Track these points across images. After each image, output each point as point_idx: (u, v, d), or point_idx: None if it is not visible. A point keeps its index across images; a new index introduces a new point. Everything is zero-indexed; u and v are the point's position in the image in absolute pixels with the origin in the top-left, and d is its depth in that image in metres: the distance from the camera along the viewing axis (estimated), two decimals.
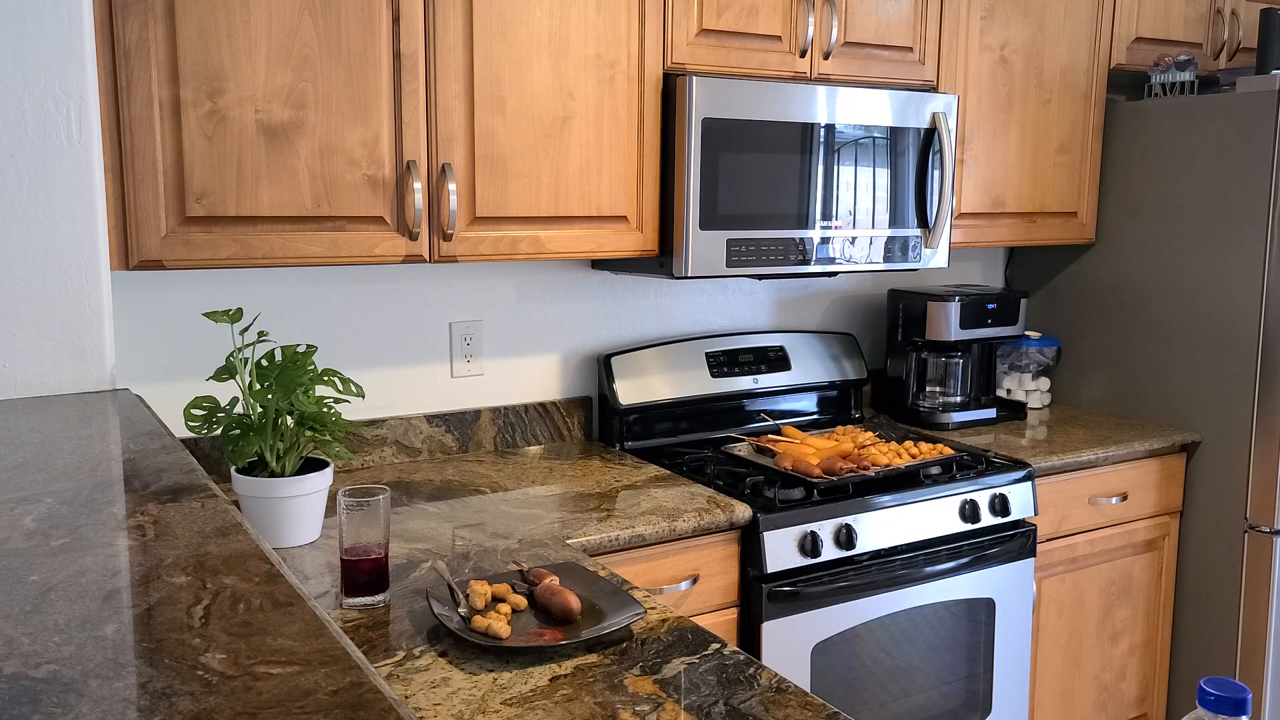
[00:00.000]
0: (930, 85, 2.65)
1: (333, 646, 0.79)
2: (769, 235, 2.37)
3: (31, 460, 1.33)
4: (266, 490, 1.80)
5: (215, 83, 1.84)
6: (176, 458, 1.33)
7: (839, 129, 2.43)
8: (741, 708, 1.28)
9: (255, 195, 1.90)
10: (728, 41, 2.34)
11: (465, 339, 2.51)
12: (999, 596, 2.50)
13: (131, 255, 1.82)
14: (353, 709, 0.70)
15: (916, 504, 2.33)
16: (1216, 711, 0.92)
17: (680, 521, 2.04)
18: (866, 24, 2.52)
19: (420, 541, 1.90)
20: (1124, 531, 2.81)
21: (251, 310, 2.21)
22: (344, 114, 1.95)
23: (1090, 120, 2.97)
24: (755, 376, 2.76)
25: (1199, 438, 2.87)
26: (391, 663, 1.40)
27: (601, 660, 1.40)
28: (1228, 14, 3.15)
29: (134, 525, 1.07)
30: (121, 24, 1.76)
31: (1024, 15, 2.79)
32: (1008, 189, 2.85)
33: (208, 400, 1.84)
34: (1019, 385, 3.17)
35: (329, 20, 1.91)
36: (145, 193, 1.81)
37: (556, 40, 2.14)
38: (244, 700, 0.71)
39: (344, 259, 2.00)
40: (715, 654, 1.42)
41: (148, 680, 0.74)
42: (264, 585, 0.92)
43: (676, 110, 2.25)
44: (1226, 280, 2.78)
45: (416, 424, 2.45)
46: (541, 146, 2.16)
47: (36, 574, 0.93)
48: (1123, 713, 2.91)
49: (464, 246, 2.10)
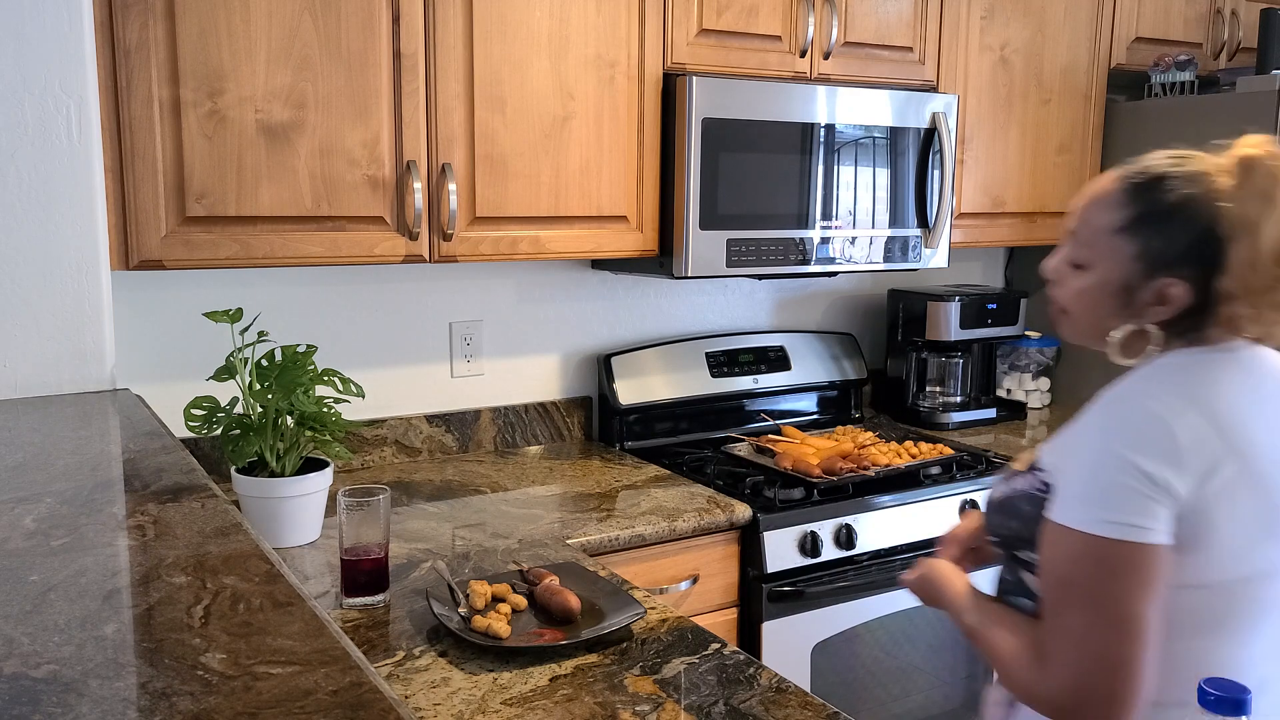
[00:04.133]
0: (930, 85, 2.65)
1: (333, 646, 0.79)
2: (769, 235, 2.37)
3: (32, 460, 1.33)
4: (266, 490, 1.80)
5: (215, 83, 1.84)
6: (176, 458, 1.33)
7: (839, 129, 2.43)
8: (741, 708, 1.28)
9: (255, 195, 1.90)
10: (728, 41, 2.34)
11: (465, 339, 2.51)
12: None
13: (131, 255, 1.82)
14: (353, 709, 0.70)
15: (917, 504, 2.33)
16: (1216, 711, 0.92)
17: (680, 521, 2.04)
18: (866, 24, 2.52)
19: (420, 541, 1.90)
20: None
21: (251, 310, 2.21)
22: (344, 114, 1.95)
23: (1090, 120, 2.97)
24: (755, 376, 2.76)
25: None
26: (391, 663, 1.40)
27: (601, 660, 1.40)
28: (1228, 14, 3.15)
29: (134, 525, 1.07)
30: (121, 24, 1.76)
31: (1024, 15, 2.79)
32: (1008, 189, 2.85)
33: (208, 400, 1.84)
34: (1019, 385, 3.17)
35: (329, 20, 1.91)
36: (145, 193, 1.81)
37: (556, 40, 2.14)
38: (244, 700, 0.71)
39: (344, 259, 2.00)
40: (715, 654, 1.42)
41: (148, 680, 0.74)
42: (264, 585, 0.92)
43: (676, 110, 2.25)
44: None
45: (416, 424, 2.45)
46: (541, 146, 2.15)
47: (36, 574, 0.93)
48: None
49: (464, 246, 2.10)
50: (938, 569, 1.35)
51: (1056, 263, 1.26)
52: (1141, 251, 1.15)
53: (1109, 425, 1.12)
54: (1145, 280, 1.15)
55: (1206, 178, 1.13)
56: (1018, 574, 1.25)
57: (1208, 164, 1.15)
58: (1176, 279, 1.13)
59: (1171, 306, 1.15)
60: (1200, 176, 1.13)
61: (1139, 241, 1.15)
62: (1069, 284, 1.23)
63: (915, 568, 1.38)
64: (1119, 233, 1.16)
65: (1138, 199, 1.16)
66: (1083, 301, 1.21)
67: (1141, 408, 1.11)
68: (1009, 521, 1.22)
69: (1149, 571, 1.07)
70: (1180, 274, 1.13)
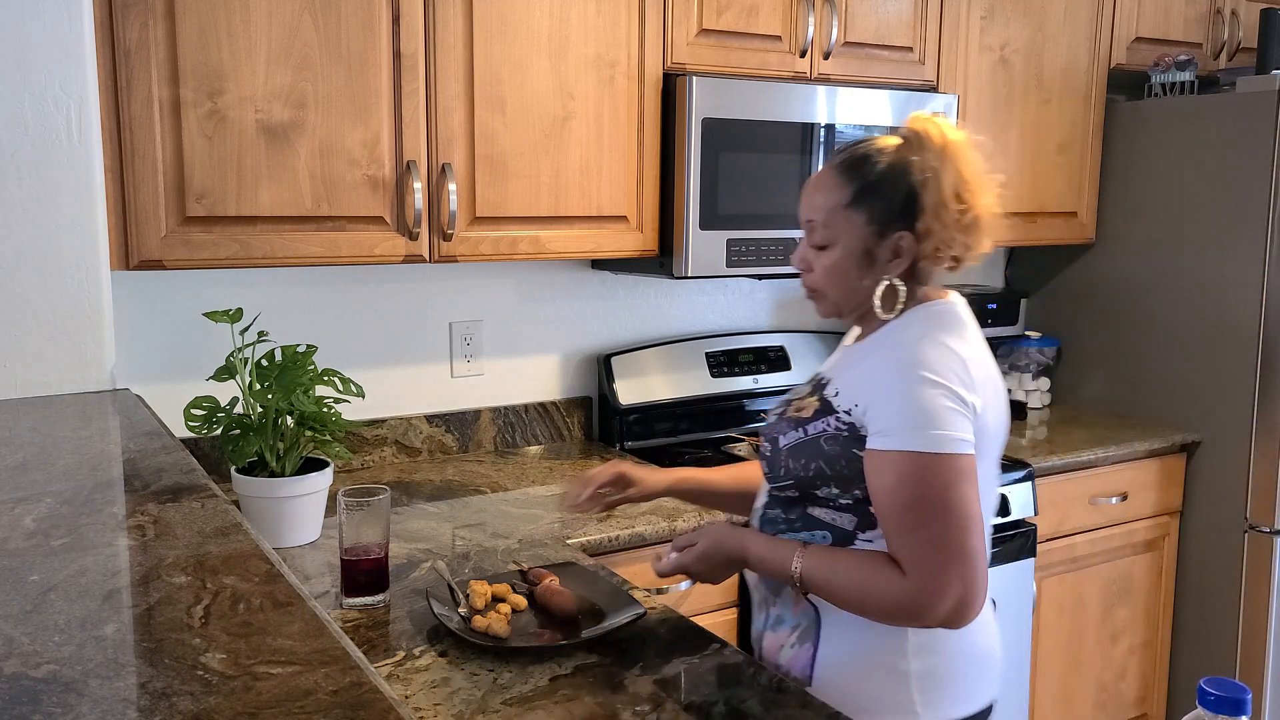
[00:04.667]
0: (930, 85, 2.65)
1: (333, 646, 0.79)
2: (769, 235, 2.37)
3: (32, 460, 1.33)
4: (266, 490, 1.80)
5: (215, 83, 1.84)
6: (176, 458, 1.33)
7: (839, 129, 2.43)
8: (742, 708, 1.28)
9: (255, 195, 1.90)
10: (728, 41, 2.34)
11: (465, 339, 2.51)
12: (999, 596, 2.49)
13: (131, 255, 1.82)
14: (353, 709, 0.70)
15: None
16: (1216, 711, 0.92)
17: (680, 521, 2.04)
18: (866, 24, 2.52)
19: (420, 541, 1.90)
20: (1124, 531, 2.81)
21: (251, 310, 2.21)
22: (344, 114, 1.95)
23: (1090, 120, 2.97)
24: (755, 376, 2.76)
25: (1199, 438, 2.87)
26: (391, 663, 1.40)
27: (602, 660, 1.40)
28: (1228, 14, 3.15)
29: (134, 525, 1.08)
30: (121, 24, 1.76)
31: (1024, 15, 2.79)
32: (1008, 189, 2.83)
33: (208, 400, 1.84)
34: (1019, 385, 3.17)
35: (329, 20, 1.91)
36: (145, 193, 1.81)
37: (556, 40, 2.14)
38: (244, 700, 0.71)
39: (344, 259, 2.00)
40: (715, 654, 1.42)
41: (148, 680, 0.74)
42: (264, 585, 0.92)
43: (676, 110, 2.25)
44: (1226, 280, 2.78)
45: (416, 424, 2.45)
46: (541, 146, 2.15)
47: (36, 574, 0.93)
48: (1123, 713, 2.91)
49: (464, 246, 2.10)
50: (715, 539, 1.46)
51: (801, 254, 1.43)
52: (870, 216, 1.35)
53: (911, 362, 1.30)
54: (879, 240, 1.36)
55: (896, 148, 1.37)
56: (805, 511, 1.40)
57: (892, 140, 1.38)
58: (903, 231, 1.35)
59: (906, 256, 1.36)
60: (890, 148, 1.37)
61: (865, 209, 1.35)
62: (818, 265, 1.40)
63: (673, 552, 1.49)
64: (849, 207, 1.36)
65: (855, 176, 1.36)
66: (834, 275, 1.38)
67: (936, 343, 1.32)
68: (811, 463, 1.37)
69: (973, 475, 1.28)
70: (903, 227, 1.35)
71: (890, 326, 1.38)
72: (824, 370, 1.46)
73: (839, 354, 1.48)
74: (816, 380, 1.44)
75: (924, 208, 1.33)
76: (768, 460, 1.43)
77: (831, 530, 1.38)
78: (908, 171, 1.34)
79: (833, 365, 1.45)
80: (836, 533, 1.37)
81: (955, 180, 1.35)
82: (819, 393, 1.40)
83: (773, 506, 1.45)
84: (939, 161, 1.34)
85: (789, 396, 1.47)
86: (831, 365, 1.46)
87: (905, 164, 1.35)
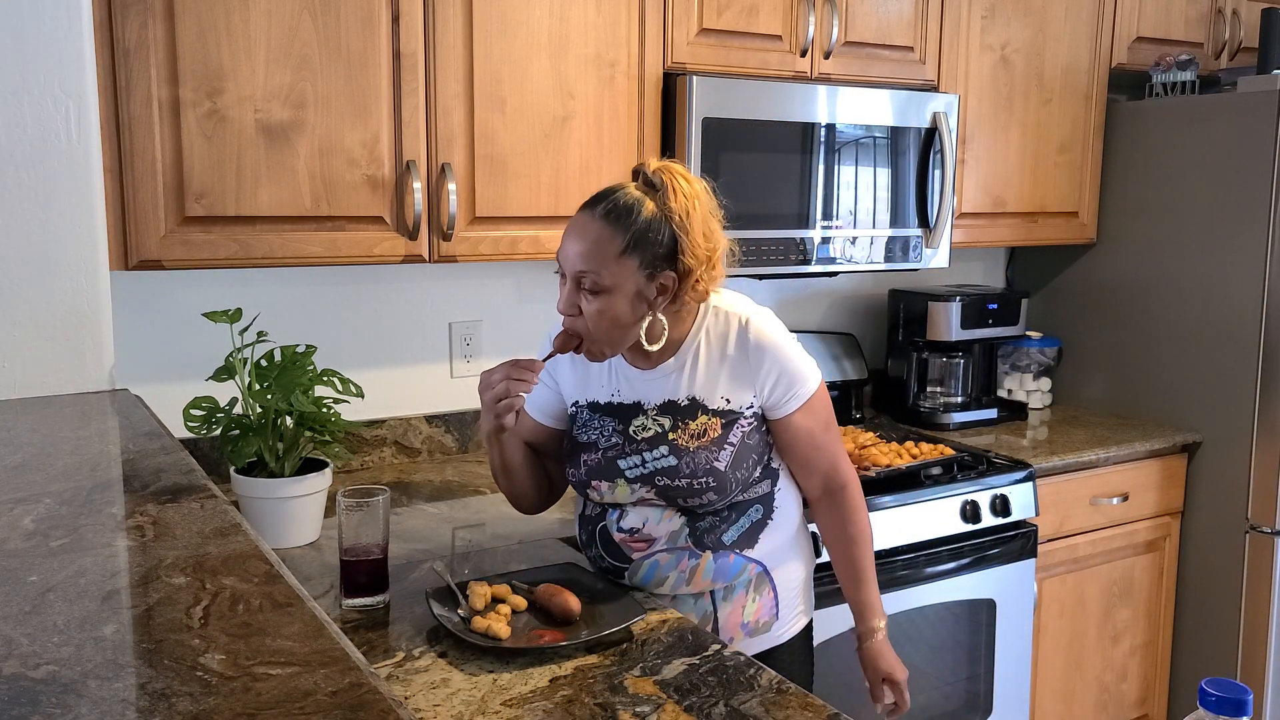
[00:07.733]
0: (931, 85, 2.65)
1: (332, 647, 0.79)
2: (769, 235, 2.36)
3: (31, 460, 1.32)
4: (266, 490, 1.80)
5: (215, 82, 1.84)
6: (176, 458, 1.33)
7: (840, 129, 2.42)
8: (742, 709, 1.28)
9: (255, 195, 1.89)
10: (728, 41, 2.34)
11: (465, 339, 2.50)
12: (1000, 597, 2.49)
13: (131, 255, 1.82)
14: (352, 710, 0.70)
15: (917, 504, 2.33)
16: (1217, 712, 0.92)
17: None
18: (867, 23, 2.52)
19: (420, 541, 1.90)
20: (1125, 532, 2.80)
21: (251, 310, 2.20)
22: (343, 114, 1.95)
23: (1091, 120, 2.97)
24: None
25: (1200, 438, 2.87)
26: (391, 663, 1.39)
27: (601, 661, 1.40)
28: (1229, 14, 3.15)
29: (133, 526, 1.07)
30: (121, 24, 1.75)
31: (1025, 15, 2.79)
32: (1008, 189, 2.85)
33: (207, 400, 1.83)
34: (1020, 385, 3.16)
35: (329, 20, 1.91)
36: (145, 193, 1.81)
37: (556, 39, 2.14)
38: (243, 701, 0.71)
39: (344, 259, 2.00)
40: (715, 654, 1.42)
41: (147, 681, 0.74)
42: (263, 586, 0.92)
43: (677, 110, 2.25)
44: (1227, 280, 2.78)
45: (416, 424, 2.45)
46: (541, 146, 2.15)
47: (36, 574, 0.93)
48: (1124, 713, 2.91)
49: (464, 246, 2.10)
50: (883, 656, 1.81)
51: (568, 299, 1.54)
52: (641, 262, 1.50)
53: (763, 330, 1.60)
54: (649, 282, 1.52)
55: (652, 196, 1.52)
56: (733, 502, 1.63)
57: (639, 190, 1.53)
58: (668, 270, 1.52)
59: (670, 292, 1.54)
60: (644, 197, 1.52)
61: (637, 255, 1.50)
62: (589, 310, 1.52)
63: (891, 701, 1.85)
64: (622, 255, 1.50)
65: (623, 226, 1.50)
66: (605, 319, 1.52)
67: (754, 310, 1.63)
68: (745, 461, 1.60)
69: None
70: (668, 267, 1.52)
71: (708, 329, 1.61)
72: (669, 398, 1.61)
73: (662, 379, 1.62)
74: (681, 409, 1.60)
75: (684, 249, 1.51)
76: (716, 489, 1.58)
77: (761, 503, 1.65)
78: (668, 217, 1.51)
79: (677, 386, 1.61)
80: (764, 501, 1.65)
81: (703, 221, 1.53)
82: (703, 413, 1.59)
83: (699, 520, 1.62)
84: (688, 204, 1.52)
85: (657, 450, 1.60)
86: (674, 388, 1.61)
87: (665, 210, 1.51)
